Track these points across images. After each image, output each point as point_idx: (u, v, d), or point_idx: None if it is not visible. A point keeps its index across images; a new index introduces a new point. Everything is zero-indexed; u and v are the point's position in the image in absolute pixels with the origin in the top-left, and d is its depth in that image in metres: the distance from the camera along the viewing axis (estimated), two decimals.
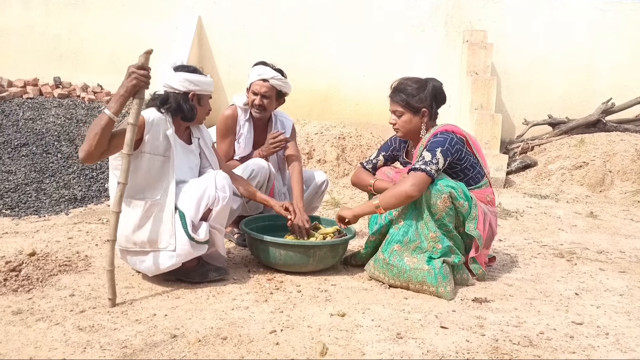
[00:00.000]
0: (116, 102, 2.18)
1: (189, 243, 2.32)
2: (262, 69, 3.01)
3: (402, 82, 2.67)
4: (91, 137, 2.16)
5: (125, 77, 2.20)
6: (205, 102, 2.55)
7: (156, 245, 2.35)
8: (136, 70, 2.18)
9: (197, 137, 2.62)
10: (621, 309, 2.43)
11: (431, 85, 2.64)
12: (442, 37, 6.86)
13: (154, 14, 6.72)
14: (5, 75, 5.99)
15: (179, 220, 2.32)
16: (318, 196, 3.25)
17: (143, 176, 2.34)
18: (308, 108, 6.78)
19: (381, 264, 2.58)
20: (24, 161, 4.35)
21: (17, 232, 3.19)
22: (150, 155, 2.34)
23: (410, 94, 2.61)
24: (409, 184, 2.45)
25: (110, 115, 2.16)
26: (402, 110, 2.64)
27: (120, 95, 2.18)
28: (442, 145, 2.50)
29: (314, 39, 6.84)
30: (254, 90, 3.01)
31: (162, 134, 2.38)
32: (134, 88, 2.19)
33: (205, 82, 2.49)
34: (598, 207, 4.92)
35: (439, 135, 2.56)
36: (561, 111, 6.77)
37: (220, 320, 2.09)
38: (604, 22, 6.82)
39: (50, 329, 1.96)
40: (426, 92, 2.62)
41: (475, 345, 1.98)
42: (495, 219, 2.70)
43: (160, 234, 2.33)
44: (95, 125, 2.17)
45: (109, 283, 2.19)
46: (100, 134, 2.15)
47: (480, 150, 2.72)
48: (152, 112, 2.40)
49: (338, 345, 1.93)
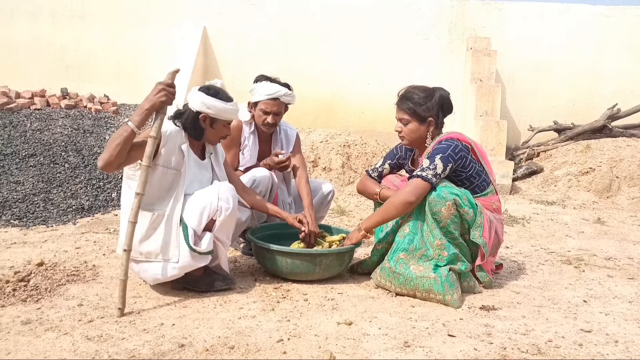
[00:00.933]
0: (140, 115, 2.22)
1: (190, 254, 2.33)
2: (270, 86, 2.95)
3: (410, 90, 2.66)
4: (112, 148, 2.19)
5: (152, 92, 2.24)
6: (218, 127, 2.53)
7: (161, 256, 2.36)
8: (167, 87, 2.23)
9: (210, 152, 2.64)
10: (630, 316, 2.41)
11: (438, 95, 2.63)
12: (446, 45, 6.88)
13: (159, 25, 6.78)
14: (13, 86, 6.05)
15: (181, 231, 2.34)
16: (324, 206, 3.25)
17: (154, 188, 2.36)
18: (313, 116, 6.80)
19: (387, 272, 2.57)
20: (32, 171, 4.38)
21: (25, 242, 3.21)
22: (164, 169, 2.37)
23: (417, 103, 2.61)
24: (407, 191, 2.46)
25: (133, 128, 2.19)
26: (409, 119, 2.63)
27: (145, 110, 2.22)
28: (444, 152, 2.51)
29: (319, 47, 6.87)
30: (264, 109, 2.97)
31: (177, 148, 2.41)
32: (161, 104, 2.24)
33: (219, 107, 2.45)
34: (605, 213, 4.89)
35: (443, 142, 2.57)
36: (567, 117, 6.77)
37: (227, 330, 2.10)
38: (609, 28, 6.82)
39: (59, 338, 1.97)
40: (433, 101, 2.61)
41: (483, 354, 1.97)
42: (501, 227, 2.69)
43: (166, 246, 2.34)
44: (118, 136, 2.20)
45: (120, 293, 2.20)
46: (121, 145, 2.19)
47: (486, 158, 2.72)
48: (168, 125, 2.43)
49: (345, 354, 1.93)
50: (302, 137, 5.79)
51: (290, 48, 6.85)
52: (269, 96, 2.94)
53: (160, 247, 2.35)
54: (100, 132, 5.30)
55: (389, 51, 6.85)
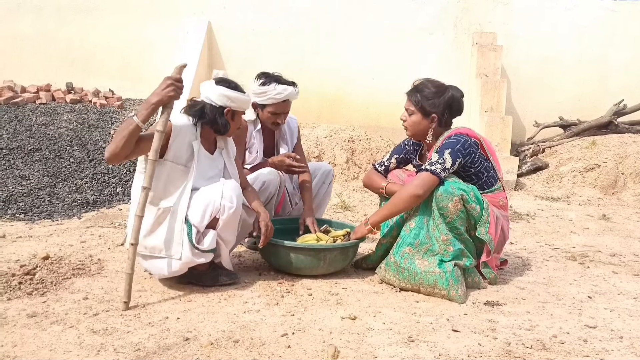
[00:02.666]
0: (147, 109, 2.22)
1: (191, 251, 2.33)
2: (281, 89, 2.87)
3: (423, 83, 2.66)
4: (117, 140, 2.20)
5: (160, 87, 2.24)
6: (238, 118, 2.54)
7: (165, 252, 2.36)
8: (175, 82, 2.23)
9: (221, 147, 2.61)
10: (635, 313, 2.40)
11: (450, 94, 2.62)
12: (452, 40, 6.85)
13: (164, 20, 6.77)
14: (18, 81, 6.06)
15: (185, 228, 2.34)
16: (326, 185, 3.23)
17: (162, 183, 2.36)
18: (317, 111, 6.79)
19: (392, 266, 2.57)
20: (37, 166, 4.40)
21: (30, 236, 3.22)
22: (172, 164, 2.37)
23: (426, 97, 2.61)
24: (413, 184, 2.46)
25: (138, 122, 2.20)
26: (414, 110, 2.64)
27: (152, 104, 2.22)
28: (453, 147, 2.50)
29: (323, 42, 6.85)
30: (273, 111, 2.92)
31: (187, 144, 2.40)
32: (169, 99, 2.24)
33: (242, 99, 2.47)
34: (610, 209, 4.87)
35: (452, 137, 2.56)
36: (572, 113, 6.73)
37: (232, 324, 2.10)
38: (615, 23, 6.77)
39: (65, 332, 1.98)
40: (441, 99, 2.60)
41: (487, 349, 1.97)
42: (507, 224, 2.69)
43: (170, 241, 2.35)
44: (123, 129, 2.21)
45: (126, 286, 2.22)
46: (126, 138, 2.20)
47: (494, 154, 2.71)
48: (181, 119, 2.43)
49: (349, 349, 1.93)
50: (307, 133, 5.79)
51: (295, 43, 6.83)
52: (281, 97, 2.88)
53: (164, 243, 2.35)
54: (105, 126, 5.31)
55: (394, 47, 6.82)
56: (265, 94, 2.88)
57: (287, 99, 2.91)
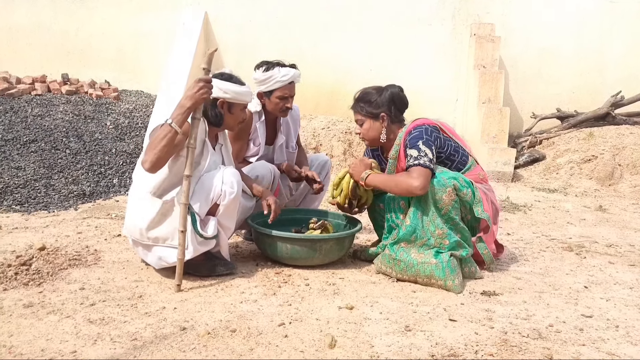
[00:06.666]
0: (182, 115, 2.23)
1: (196, 239, 2.34)
2: (285, 71, 2.88)
3: (361, 92, 2.74)
4: (158, 149, 2.19)
5: (191, 89, 2.23)
6: (236, 111, 2.53)
7: (169, 242, 2.38)
8: (207, 84, 2.24)
9: (221, 143, 2.64)
10: (631, 302, 2.41)
11: (389, 92, 2.67)
12: (450, 31, 6.81)
13: (160, 10, 6.72)
14: (13, 72, 6.02)
15: (189, 218, 2.33)
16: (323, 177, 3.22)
17: (171, 177, 2.38)
18: (315, 103, 6.76)
19: (388, 259, 2.59)
20: (33, 157, 4.38)
21: (27, 227, 3.21)
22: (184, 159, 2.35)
23: (368, 101, 2.67)
24: (413, 176, 2.43)
25: (176, 129, 2.21)
26: (362, 118, 2.70)
27: (187, 108, 2.23)
28: (421, 138, 2.51)
29: (321, 33, 6.81)
30: (281, 95, 2.91)
31: (200, 139, 2.41)
32: (203, 101, 2.26)
33: (236, 91, 2.46)
34: (607, 200, 4.88)
35: (414, 131, 2.56)
36: (570, 104, 6.72)
37: (229, 313, 2.10)
38: (614, 14, 6.74)
39: (61, 321, 1.98)
40: (383, 97, 2.66)
41: (484, 338, 1.98)
42: (494, 195, 2.74)
43: (174, 232, 2.35)
44: (162, 138, 2.20)
45: (178, 270, 2.30)
46: (167, 146, 2.20)
47: (455, 133, 2.74)
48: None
49: (347, 338, 1.94)
50: (304, 124, 5.78)
51: (292, 34, 6.79)
52: (288, 81, 2.90)
53: (169, 233, 2.36)
54: (101, 118, 5.29)
55: (392, 37, 6.79)
56: (271, 78, 2.89)
57: (293, 80, 2.93)
